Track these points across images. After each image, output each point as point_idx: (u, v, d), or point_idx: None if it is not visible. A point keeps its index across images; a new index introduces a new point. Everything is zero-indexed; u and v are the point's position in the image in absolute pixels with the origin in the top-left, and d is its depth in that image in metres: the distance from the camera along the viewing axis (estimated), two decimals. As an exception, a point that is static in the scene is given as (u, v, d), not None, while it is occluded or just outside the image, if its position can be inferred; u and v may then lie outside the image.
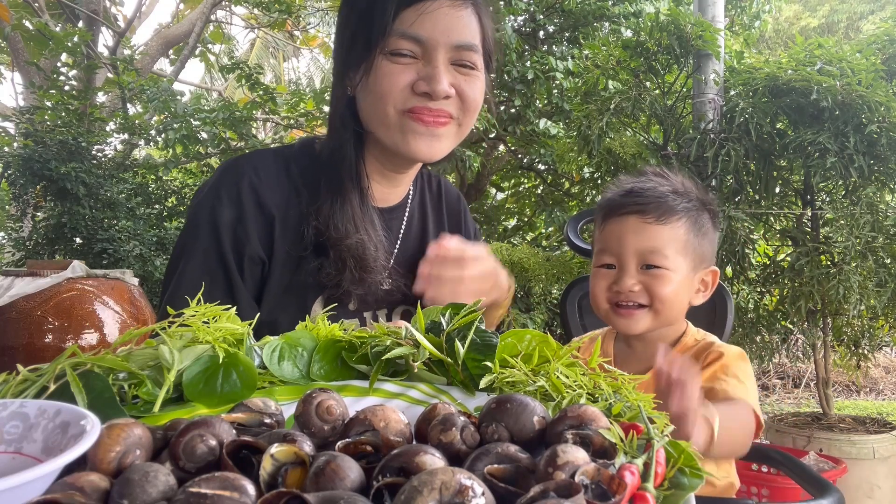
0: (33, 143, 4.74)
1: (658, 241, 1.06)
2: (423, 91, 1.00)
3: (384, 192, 1.15)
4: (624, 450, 0.45)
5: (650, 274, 1.06)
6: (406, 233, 1.18)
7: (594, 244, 1.16)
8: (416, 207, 1.22)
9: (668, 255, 1.05)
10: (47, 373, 0.55)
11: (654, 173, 1.15)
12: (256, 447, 0.44)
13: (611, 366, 1.10)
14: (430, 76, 0.99)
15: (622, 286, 1.06)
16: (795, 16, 9.40)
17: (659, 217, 1.06)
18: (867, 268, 2.75)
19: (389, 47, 0.99)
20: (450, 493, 0.36)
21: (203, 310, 0.64)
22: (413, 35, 0.98)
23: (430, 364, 0.66)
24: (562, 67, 4.52)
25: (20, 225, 5.44)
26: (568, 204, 5.41)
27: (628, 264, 1.07)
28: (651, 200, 1.08)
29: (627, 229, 1.08)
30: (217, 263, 1.01)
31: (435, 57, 1.00)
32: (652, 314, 1.07)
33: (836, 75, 2.75)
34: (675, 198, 1.09)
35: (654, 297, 1.06)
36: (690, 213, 1.09)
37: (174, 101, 5.46)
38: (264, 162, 1.08)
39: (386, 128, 1.03)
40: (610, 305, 1.10)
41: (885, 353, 5.64)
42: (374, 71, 1.00)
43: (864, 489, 2.79)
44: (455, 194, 1.32)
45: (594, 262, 1.13)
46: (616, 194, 1.13)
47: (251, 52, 12.92)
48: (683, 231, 1.07)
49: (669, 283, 1.06)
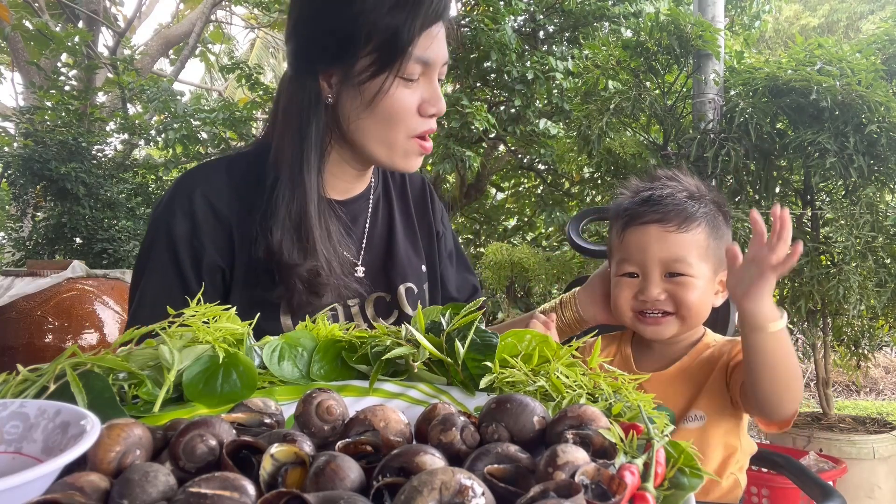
0: (33, 143, 4.75)
1: (681, 250, 1.06)
2: (431, 114, 1.02)
3: (344, 184, 1.13)
4: (624, 450, 0.45)
5: (675, 282, 1.07)
6: (372, 222, 1.17)
7: (612, 252, 1.16)
8: (379, 196, 1.20)
9: (692, 263, 1.06)
10: (47, 373, 0.55)
11: (667, 177, 1.15)
12: (256, 447, 0.44)
13: (630, 366, 1.11)
14: (435, 97, 1.02)
15: (648, 296, 1.07)
16: (795, 15, 9.39)
17: (680, 225, 1.07)
18: (867, 268, 2.75)
19: (405, 72, 0.99)
20: (450, 493, 0.36)
21: (203, 310, 0.64)
22: (424, 59, 1.00)
23: (430, 364, 0.66)
24: (562, 67, 4.52)
25: (20, 225, 5.44)
26: (568, 204, 5.41)
27: (652, 273, 1.07)
28: (671, 209, 1.08)
29: (649, 238, 1.08)
30: (175, 278, 1.01)
31: (433, 77, 1.02)
32: (679, 321, 1.08)
33: (836, 75, 2.75)
34: (693, 203, 1.09)
35: (679, 304, 1.06)
36: (708, 217, 1.09)
37: (174, 101, 5.46)
38: (218, 171, 1.07)
39: (388, 149, 1.03)
40: (634, 314, 1.10)
41: (885, 353, 5.63)
42: (387, 94, 0.99)
43: (864, 489, 2.79)
44: (419, 180, 1.30)
45: (615, 271, 1.13)
46: (633, 203, 1.12)
47: (251, 52, 12.91)
48: (704, 236, 1.08)
49: (695, 290, 1.06)
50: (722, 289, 1.12)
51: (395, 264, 1.17)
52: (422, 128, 1.03)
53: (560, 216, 5.15)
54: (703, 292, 1.08)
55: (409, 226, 1.24)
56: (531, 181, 6.17)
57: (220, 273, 1.04)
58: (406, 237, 1.21)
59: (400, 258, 1.17)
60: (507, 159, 5.92)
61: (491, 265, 4.34)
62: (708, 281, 1.08)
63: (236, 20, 11.18)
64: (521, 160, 5.82)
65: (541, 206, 5.56)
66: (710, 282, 1.09)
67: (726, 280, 0.98)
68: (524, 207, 6.22)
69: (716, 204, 1.12)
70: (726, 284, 0.99)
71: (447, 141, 4.47)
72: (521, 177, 6.19)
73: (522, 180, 6.25)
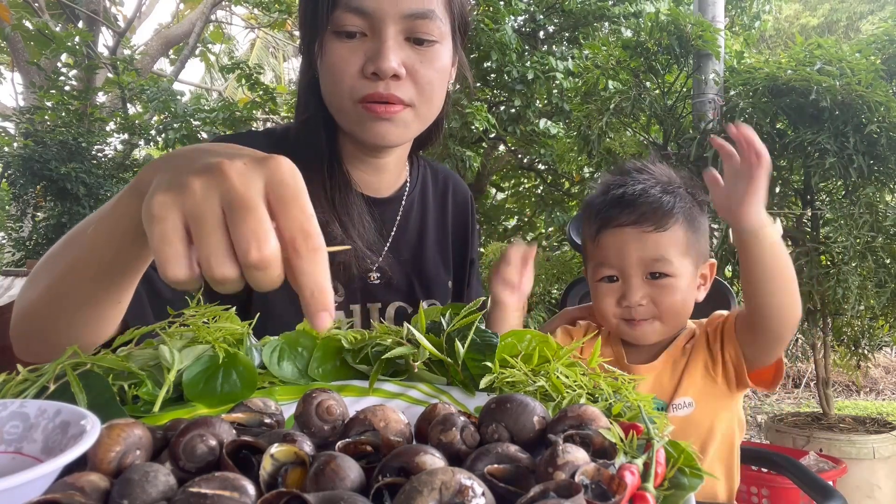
0: (33, 143, 4.75)
1: (660, 250, 1.04)
2: (371, 72, 0.88)
3: (369, 178, 1.06)
4: (624, 450, 0.45)
5: (656, 285, 1.04)
6: (401, 226, 1.10)
7: (587, 254, 1.14)
8: (415, 200, 1.13)
9: (672, 260, 1.04)
10: (47, 373, 0.55)
11: (636, 170, 1.11)
12: (256, 447, 0.44)
13: (622, 361, 1.11)
14: (377, 54, 0.87)
15: (630, 300, 1.04)
16: (795, 15, 9.40)
17: (658, 225, 1.04)
18: (866, 268, 2.75)
19: (335, 24, 0.88)
20: (450, 493, 0.36)
21: (203, 310, 0.64)
22: (357, 6, 0.87)
23: (430, 364, 0.66)
24: (562, 67, 4.52)
25: (20, 225, 5.44)
26: (568, 204, 5.41)
27: (632, 276, 1.05)
28: (645, 209, 1.04)
29: (626, 240, 1.05)
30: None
31: (383, 31, 0.88)
32: (661, 324, 1.07)
33: (836, 75, 2.75)
34: (668, 198, 1.06)
35: (662, 309, 1.05)
36: (684, 210, 1.06)
37: (174, 101, 5.46)
38: (252, 139, 1.03)
39: (343, 115, 0.95)
40: (618, 321, 1.08)
41: (885, 353, 5.64)
42: (324, 53, 0.90)
43: (864, 489, 2.79)
44: (464, 193, 1.23)
45: (593, 276, 1.10)
46: (606, 203, 1.08)
47: (251, 52, 12.91)
48: (682, 232, 1.06)
49: (677, 292, 1.05)
50: (703, 281, 1.10)
51: (423, 277, 1.11)
52: (365, 90, 0.89)
53: (560, 216, 5.15)
54: (686, 292, 1.06)
55: (443, 237, 1.17)
56: (531, 181, 6.17)
57: None
58: (437, 250, 1.15)
59: (428, 270, 1.12)
60: (507, 159, 5.92)
61: (491, 265, 4.34)
62: (690, 277, 1.06)
63: (236, 20, 11.19)
64: (521, 160, 5.82)
65: (541, 206, 5.57)
66: (692, 277, 1.07)
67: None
68: (524, 207, 6.23)
69: (690, 194, 1.09)
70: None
71: (447, 141, 4.48)
72: (521, 177, 6.19)
73: (522, 180, 6.25)
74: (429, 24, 0.89)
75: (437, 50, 0.92)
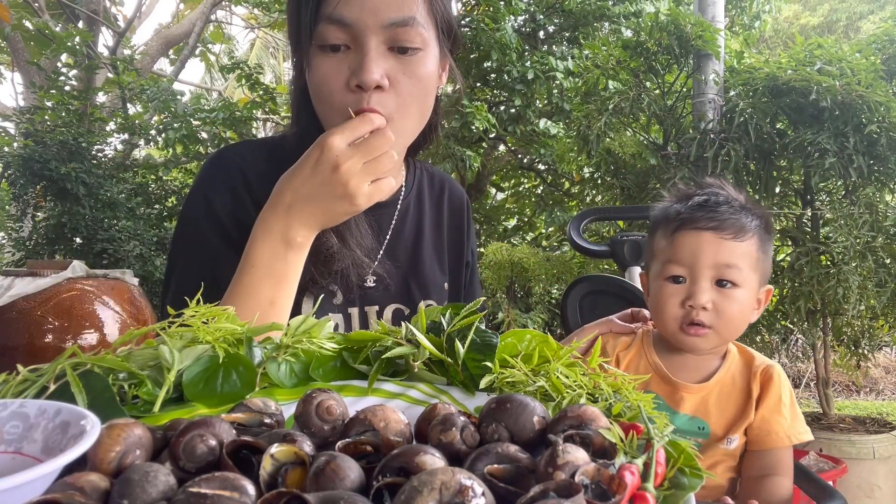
0: (33, 143, 4.74)
1: (734, 257, 1.07)
2: (356, 84, 0.87)
3: None
4: (624, 450, 0.45)
5: (723, 292, 1.07)
6: (396, 230, 1.12)
7: (654, 254, 1.16)
8: (410, 204, 1.14)
9: (743, 270, 1.07)
10: (47, 373, 0.55)
11: (717, 186, 1.17)
12: (256, 447, 0.44)
13: (665, 376, 1.12)
14: (359, 67, 0.87)
15: (696, 301, 1.06)
16: (795, 15, 9.40)
17: (736, 234, 1.08)
18: (867, 268, 2.75)
19: (319, 38, 0.88)
20: (450, 493, 0.36)
21: (203, 310, 0.64)
22: (339, 18, 0.86)
23: (430, 364, 0.66)
24: (562, 67, 4.52)
25: (20, 225, 5.44)
26: (568, 204, 5.41)
27: (702, 279, 1.07)
28: (727, 217, 1.09)
29: (703, 242, 1.08)
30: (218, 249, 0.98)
31: (365, 42, 0.87)
32: (716, 334, 1.08)
33: (836, 75, 2.75)
34: (747, 214, 1.11)
35: (723, 317, 1.07)
36: (758, 230, 1.11)
37: (174, 101, 5.46)
38: (249, 148, 1.06)
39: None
40: (677, 324, 1.10)
41: (885, 353, 5.64)
42: (311, 68, 0.91)
43: (864, 489, 2.79)
44: (460, 197, 1.24)
45: (659, 273, 1.12)
46: (688, 207, 1.12)
47: (251, 52, 12.91)
48: (755, 248, 1.09)
49: (738, 303, 1.07)
50: (757, 305, 1.13)
51: (419, 279, 1.12)
52: (351, 104, 0.88)
53: (560, 216, 5.15)
54: (746, 306, 1.09)
55: (438, 239, 1.18)
56: (531, 181, 6.18)
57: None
58: (434, 252, 1.16)
59: (425, 273, 1.13)
60: (507, 159, 5.93)
61: (491, 265, 4.34)
62: (753, 293, 1.09)
63: (236, 20, 11.19)
64: (521, 160, 5.82)
65: (541, 206, 5.57)
66: (754, 294, 1.10)
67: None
68: (524, 207, 6.23)
69: (763, 219, 1.13)
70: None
71: (447, 141, 4.48)
72: (521, 177, 6.19)
73: (522, 180, 6.25)
74: (410, 31, 0.88)
75: (420, 58, 0.91)
